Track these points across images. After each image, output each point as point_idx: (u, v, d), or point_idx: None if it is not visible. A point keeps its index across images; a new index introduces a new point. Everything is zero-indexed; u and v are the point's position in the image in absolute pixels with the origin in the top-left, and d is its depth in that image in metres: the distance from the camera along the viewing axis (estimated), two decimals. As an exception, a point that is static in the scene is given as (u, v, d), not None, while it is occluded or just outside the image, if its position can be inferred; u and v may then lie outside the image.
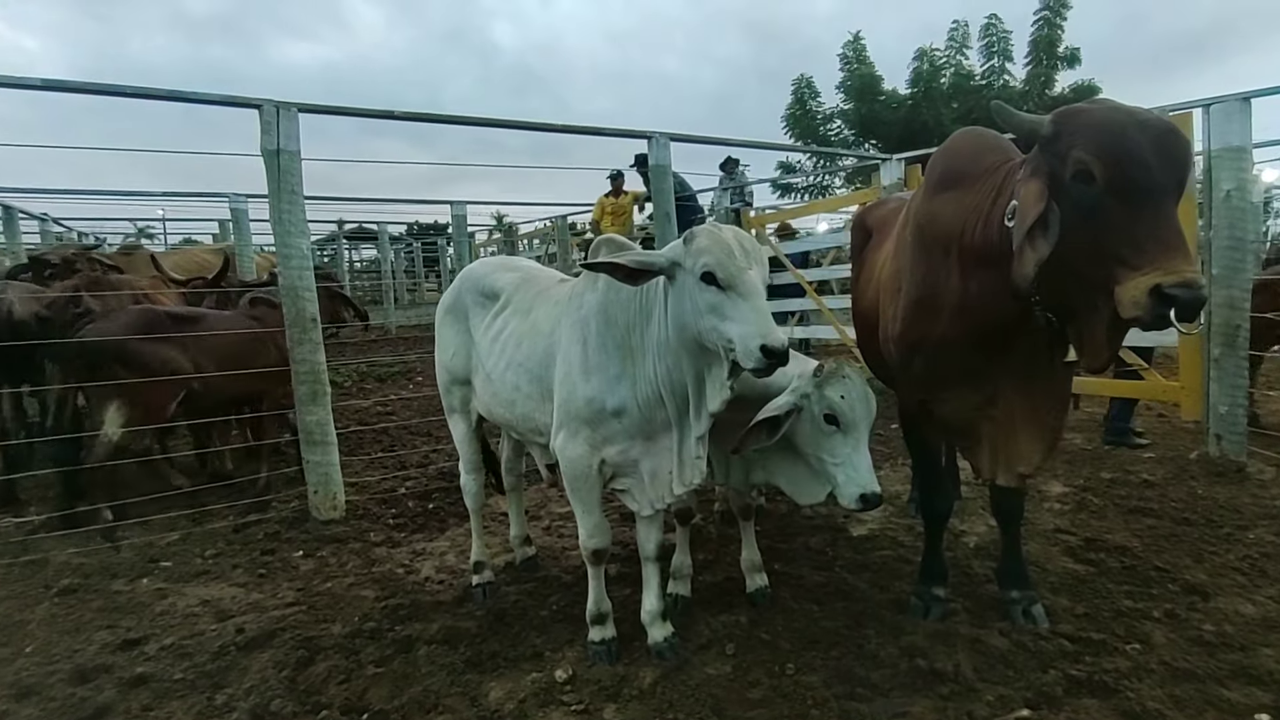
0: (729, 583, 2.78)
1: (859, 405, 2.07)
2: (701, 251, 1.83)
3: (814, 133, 16.42)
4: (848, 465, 2.06)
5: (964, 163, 2.10)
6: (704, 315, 1.84)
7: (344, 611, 2.76)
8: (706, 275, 1.83)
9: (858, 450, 2.07)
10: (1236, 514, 3.19)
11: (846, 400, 2.05)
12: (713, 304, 1.83)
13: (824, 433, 2.09)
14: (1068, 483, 3.75)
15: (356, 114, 3.93)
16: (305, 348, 3.55)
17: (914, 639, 2.28)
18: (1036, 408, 2.12)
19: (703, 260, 1.83)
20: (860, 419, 2.08)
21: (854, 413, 2.06)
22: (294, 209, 3.44)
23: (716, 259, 1.82)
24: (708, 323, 1.84)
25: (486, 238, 14.15)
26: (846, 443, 2.07)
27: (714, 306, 1.83)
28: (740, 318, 1.79)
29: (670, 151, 4.56)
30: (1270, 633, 2.23)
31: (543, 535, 3.43)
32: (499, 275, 2.61)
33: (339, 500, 3.70)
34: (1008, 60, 15.00)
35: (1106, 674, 2.05)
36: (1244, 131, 3.70)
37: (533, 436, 2.47)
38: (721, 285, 1.82)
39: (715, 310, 1.83)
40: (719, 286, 1.82)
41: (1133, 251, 1.57)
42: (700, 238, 1.86)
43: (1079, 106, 1.74)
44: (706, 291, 1.83)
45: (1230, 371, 3.77)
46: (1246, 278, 3.79)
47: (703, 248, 1.84)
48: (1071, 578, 2.68)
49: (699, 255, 1.84)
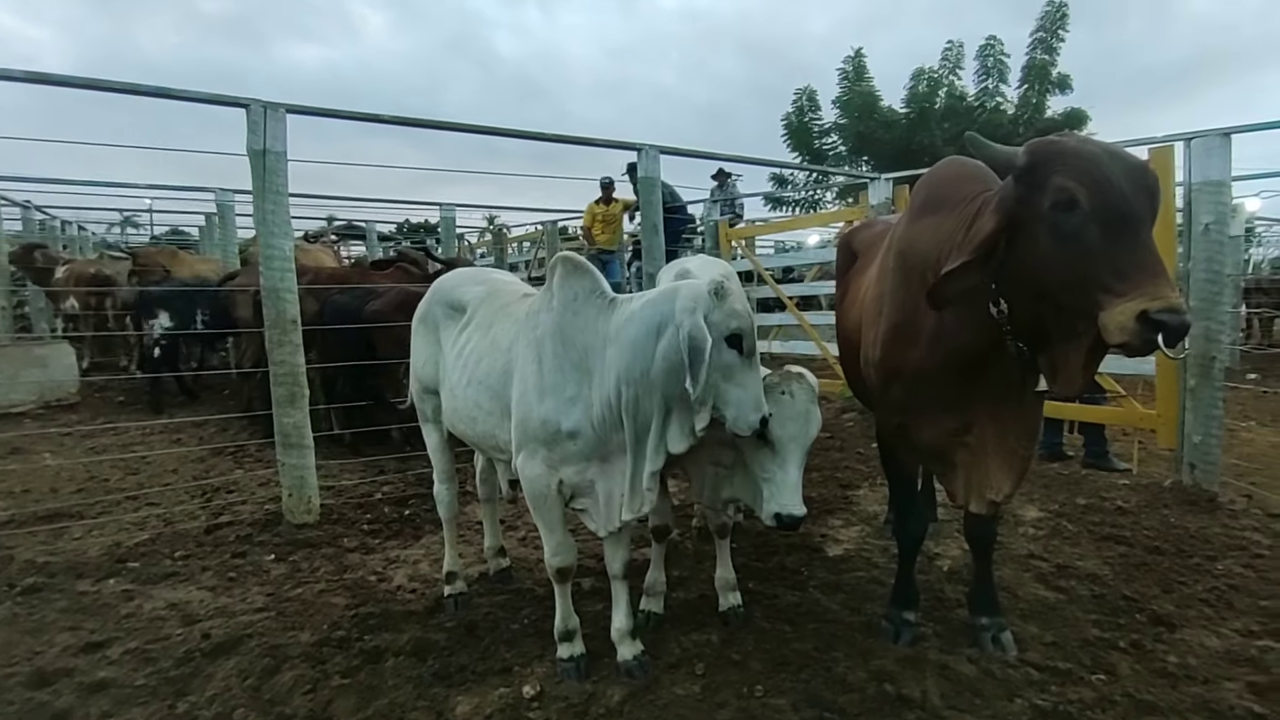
0: (702, 600, 2.78)
1: (790, 424, 2.06)
2: (735, 314, 1.88)
3: (809, 145, 16.53)
4: (773, 482, 2.07)
5: (944, 190, 2.12)
6: (713, 372, 1.87)
7: (313, 619, 2.73)
8: (733, 338, 1.87)
9: (784, 468, 2.06)
10: (1206, 544, 3.22)
11: (777, 418, 2.03)
12: (729, 365, 1.88)
13: (755, 444, 2.09)
14: (1043, 507, 3.78)
15: (346, 116, 3.90)
16: (285, 349, 3.52)
17: (884, 663, 2.29)
18: (1007, 436, 2.14)
19: (735, 324, 1.87)
20: (790, 438, 2.06)
21: (783, 431, 2.05)
22: (278, 209, 3.41)
23: (748, 325, 1.89)
24: (713, 379, 1.88)
25: (478, 239, 14.13)
26: (775, 459, 2.07)
27: (728, 368, 1.88)
28: (748, 385, 1.89)
29: (660, 164, 4.57)
30: (1233, 666, 2.25)
31: (518, 546, 3.41)
32: (467, 288, 2.60)
33: (313, 504, 3.66)
34: (1002, 82, 15.17)
35: (1071, 704, 2.06)
36: (1224, 166, 3.75)
37: (495, 453, 2.46)
38: (744, 351, 1.88)
39: (727, 371, 1.88)
40: (740, 351, 1.88)
41: (1117, 278, 1.58)
42: (734, 299, 1.89)
43: (1052, 139, 1.76)
44: (727, 353, 1.88)
45: (1205, 402, 3.81)
46: (1224, 310, 3.85)
47: (738, 311, 1.88)
48: (1042, 605, 2.69)
49: (731, 317, 1.87)
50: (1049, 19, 14.48)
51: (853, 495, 4.02)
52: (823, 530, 3.50)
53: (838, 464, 4.60)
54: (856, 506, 3.84)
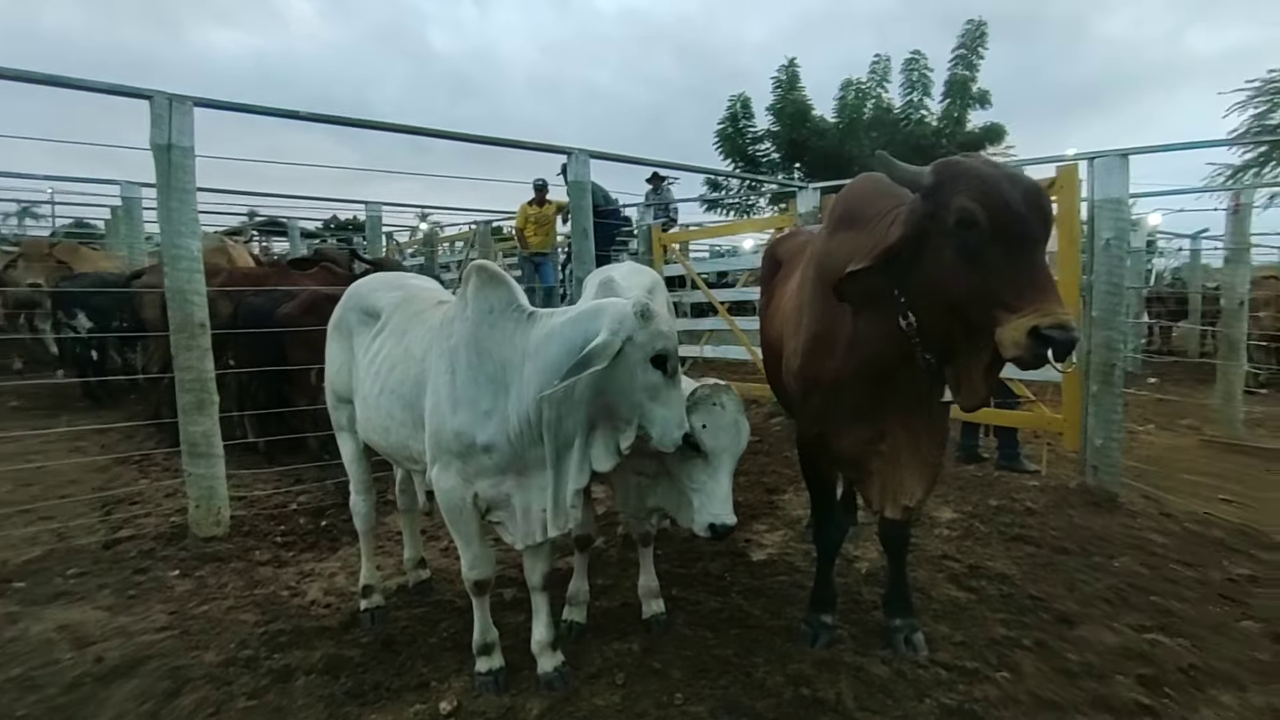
0: (626, 609, 2.77)
1: (722, 435, 2.10)
2: (660, 335, 1.88)
3: (743, 151, 16.78)
4: (704, 492, 2.09)
5: (859, 205, 2.17)
6: (638, 392, 1.89)
7: (220, 638, 2.60)
8: (658, 359, 1.88)
9: (715, 478, 2.09)
10: (1107, 543, 3.39)
11: (709, 429, 2.08)
12: (653, 385, 1.89)
13: (685, 455, 2.10)
14: (958, 509, 3.92)
15: (259, 111, 3.72)
16: (192, 354, 3.34)
17: (801, 667, 2.32)
18: (918, 444, 2.21)
19: (660, 345, 1.88)
20: (722, 448, 2.10)
21: (715, 441, 2.09)
22: (184, 207, 3.23)
23: (673, 347, 1.89)
24: (638, 399, 1.90)
25: (409, 238, 13.78)
26: (706, 470, 2.10)
27: (653, 388, 1.89)
28: (671, 404, 1.91)
29: (589, 167, 4.55)
30: (1127, 661, 2.38)
31: (439, 557, 3.33)
32: (382, 294, 2.52)
33: (222, 516, 3.49)
34: (926, 96, 15.73)
35: (976, 703, 2.14)
36: (1123, 184, 3.98)
37: (409, 464, 2.40)
38: (668, 371, 1.89)
39: (652, 391, 1.89)
40: (665, 371, 1.89)
41: (1013, 295, 1.66)
42: (659, 321, 1.89)
43: (957, 159, 1.82)
44: (652, 373, 1.88)
45: (1106, 406, 4.02)
46: (1124, 320, 4.08)
47: (662, 332, 1.89)
48: (953, 605, 2.79)
49: (656, 339, 1.88)
50: (969, 36, 15.10)
51: (778, 500, 4.08)
52: (747, 535, 3.54)
53: (764, 469, 4.67)
54: (781, 511, 3.90)
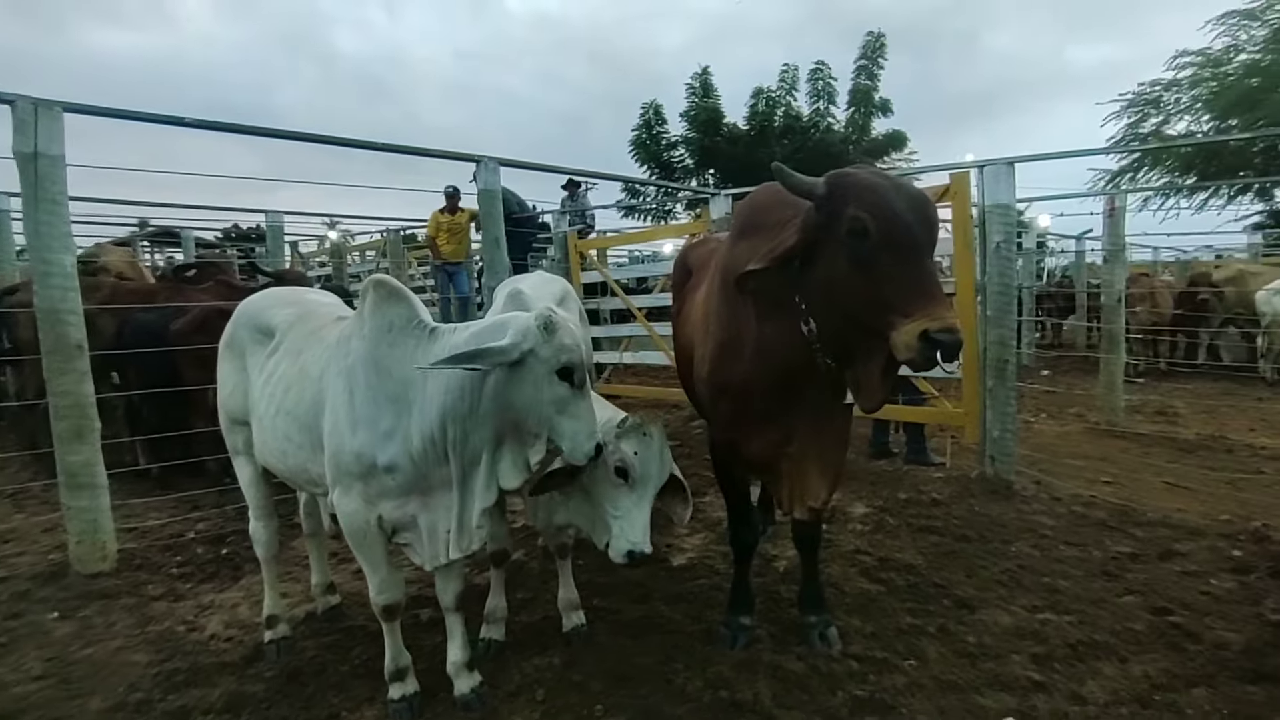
0: (546, 622, 2.74)
1: (651, 464, 2.13)
2: (565, 349, 1.85)
3: (658, 158, 16.98)
4: (625, 520, 2.11)
5: (760, 214, 2.23)
6: (545, 405, 1.87)
7: (106, 682, 2.43)
8: (564, 371, 1.85)
9: (639, 507, 2.12)
10: (1003, 529, 3.59)
11: (640, 457, 2.11)
12: (561, 399, 1.87)
13: (612, 484, 2.13)
14: (869, 503, 4.06)
15: (138, 118, 3.47)
16: (68, 378, 3.09)
17: (721, 669, 2.35)
18: (823, 447, 2.28)
19: (565, 357, 1.85)
20: (649, 477, 2.14)
21: (644, 470, 2.12)
22: (55, 220, 2.99)
23: (579, 359, 1.87)
24: (546, 413, 1.88)
25: (317, 247, 13.25)
26: (630, 497, 2.12)
27: (561, 401, 1.87)
28: (581, 416, 1.88)
29: (499, 175, 4.49)
30: (1021, 640, 2.52)
31: (353, 579, 3.19)
32: (276, 310, 2.42)
33: (109, 550, 3.24)
34: (832, 104, 16.34)
35: (885, 692, 2.22)
36: (1009, 191, 4.23)
37: (310, 488, 2.30)
38: (575, 383, 1.87)
39: (560, 404, 1.87)
40: (572, 384, 1.87)
41: (903, 301, 1.73)
42: (564, 333, 1.86)
43: (847, 171, 1.90)
44: (559, 386, 1.86)
45: (1001, 400, 4.25)
46: (1014, 319, 4.33)
47: (567, 345, 1.86)
48: (864, 598, 2.89)
49: (561, 351, 1.85)
50: (869, 48, 15.82)
51: (699, 503, 4.10)
52: (668, 541, 3.57)
53: (685, 471, 4.62)
54: (702, 514, 3.94)
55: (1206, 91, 14.47)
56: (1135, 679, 2.26)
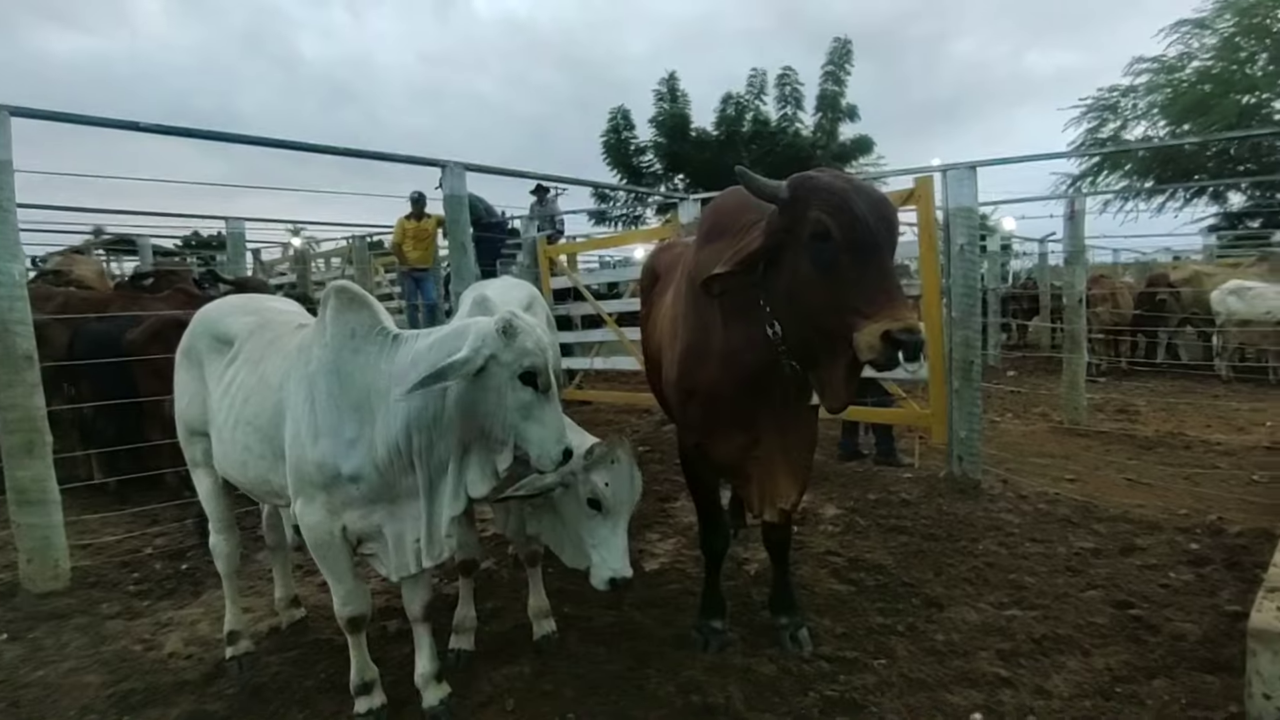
0: (517, 631, 2.71)
1: (622, 491, 2.13)
2: (526, 353, 1.83)
3: (627, 162, 17.01)
4: (603, 548, 2.11)
5: (727, 218, 2.23)
6: (510, 411, 1.84)
7: (57, 705, 2.35)
8: (527, 376, 1.83)
9: (615, 533, 2.12)
10: (970, 527, 3.63)
11: (611, 487, 2.11)
12: (525, 404, 1.84)
13: (586, 514, 2.13)
14: (840, 505, 4.09)
15: (92, 122, 3.38)
16: (18, 390, 2.99)
17: (693, 674, 2.35)
18: (790, 448, 2.29)
19: (527, 361, 1.83)
20: (622, 504, 2.14)
21: (616, 499, 2.12)
22: (3, 227, 2.89)
23: (542, 363, 1.84)
24: (511, 419, 1.85)
25: (280, 254, 13.02)
26: (605, 525, 2.12)
27: (526, 407, 1.84)
28: (547, 421, 1.85)
29: (465, 181, 4.45)
30: (987, 637, 2.55)
31: (317, 593, 3.13)
32: (234, 319, 2.36)
33: (61, 568, 3.14)
34: (800, 110, 16.52)
35: (856, 691, 2.23)
36: (972, 194, 4.30)
37: (272, 499, 2.25)
38: (540, 388, 1.84)
39: (525, 409, 1.84)
40: (536, 388, 1.84)
41: (865, 302, 1.75)
42: (524, 337, 1.84)
43: (810, 174, 1.91)
44: (523, 391, 1.83)
45: (967, 400, 4.32)
46: (979, 320, 4.40)
47: (528, 349, 1.83)
48: (835, 598, 2.90)
49: (523, 355, 1.82)
50: (836, 54, 16.03)
51: (670, 508, 4.12)
52: (640, 545, 3.55)
53: (657, 476, 4.70)
54: (673, 519, 3.94)
55: (1162, 97, 14.92)
56: (1098, 671, 2.30)
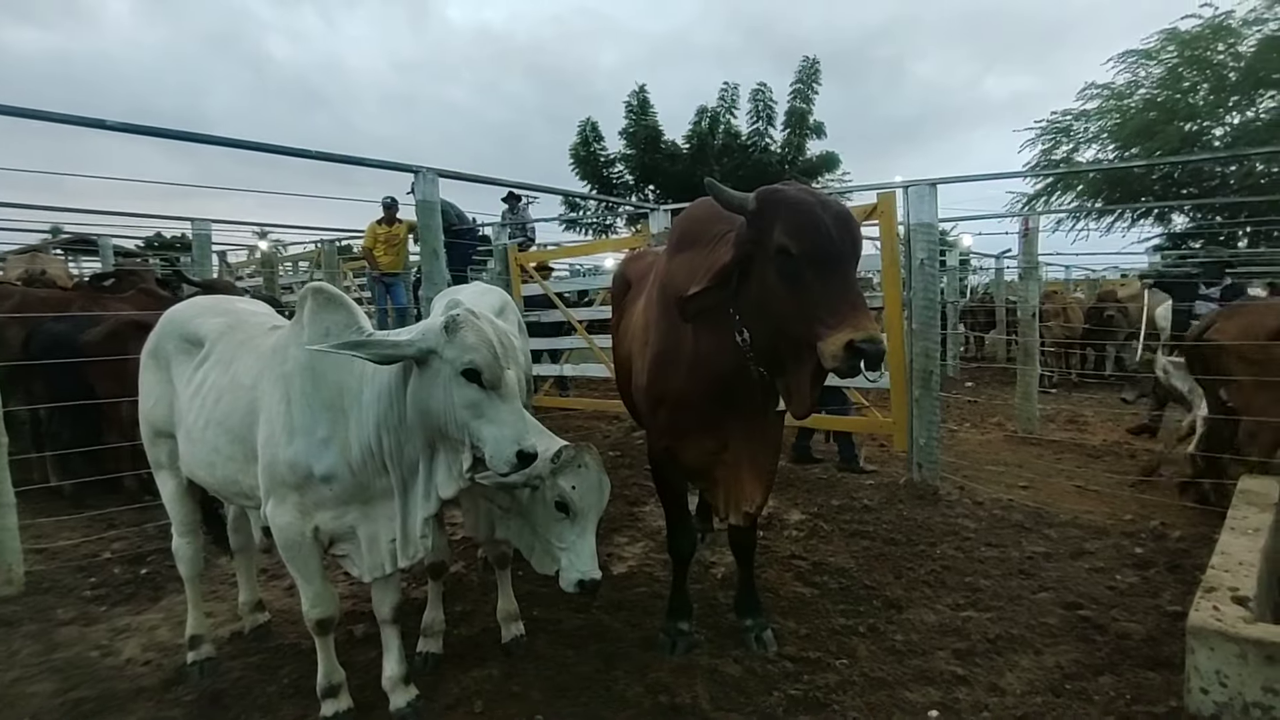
0: (485, 634, 2.72)
1: (590, 495, 2.14)
2: (469, 348, 1.78)
3: (597, 174, 17.07)
4: (572, 551, 2.12)
5: (697, 228, 2.29)
6: (458, 410, 1.79)
7: (2, 716, 2.28)
8: (470, 373, 1.78)
9: (583, 537, 2.13)
10: (929, 532, 3.74)
11: (578, 490, 2.11)
12: (473, 401, 1.79)
13: (554, 518, 2.13)
14: (805, 510, 4.17)
15: (53, 119, 3.29)
16: (-27, 390, 2.92)
17: (660, 675, 2.38)
18: (756, 453, 2.35)
19: (469, 357, 1.77)
20: (590, 508, 2.14)
21: (583, 502, 2.12)
22: (-40, 223, 2.83)
23: (485, 359, 1.78)
24: (461, 418, 1.80)
25: (247, 258, 12.79)
26: (574, 529, 2.13)
27: (473, 404, 1.79)
28: (499, 420, 1.78)
29: (438, 187, 4.46)
30: (944, 637, 2.64)
31: (283, 597, 3.10)
32: (204, 320, 2.34)
33: (15, 573, 3.06)
34: (770, 125, 16.76)
35: (819, 690, 2.29)
36: (932, 210, 4.44)
37: (241, 500, 2.24)
38: (485, 385, 1.79)
39: (473, 408, 1.79)
40: (481, 385, 1.79)
41: (829, 312, 1.81)
42: (466, 331, 1.79)
43: (777, 188, 1.97)
44: (467, 388, 1.79)
45: (926, 409, 4.45)
46: (938, 332, 4.54)
47: (470, 344, 1.78)
48: (799, 601, 2.97)
49: (465, 351, 1.78)
50: (805, 72, 16.31)
51: (639, 512, 4.16)
52: (609, 549, 3.59)
53: (626, 481, 4.74)
54: (642, 523, 3.98)
55: (1111, 122, 15.52)
56: (1049, 669, 2.40)
